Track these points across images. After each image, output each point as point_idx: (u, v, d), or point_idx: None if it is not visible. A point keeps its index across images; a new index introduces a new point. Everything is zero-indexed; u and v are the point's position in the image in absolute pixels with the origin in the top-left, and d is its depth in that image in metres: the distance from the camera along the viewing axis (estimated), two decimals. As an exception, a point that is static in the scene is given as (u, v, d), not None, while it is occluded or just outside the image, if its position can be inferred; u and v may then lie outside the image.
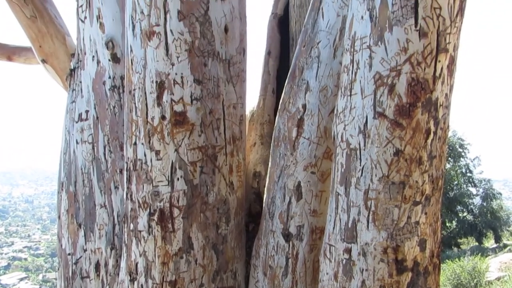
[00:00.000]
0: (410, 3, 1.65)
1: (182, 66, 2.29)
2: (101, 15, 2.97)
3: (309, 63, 2.22)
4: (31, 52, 4.29)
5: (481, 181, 19.86)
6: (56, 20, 3.68)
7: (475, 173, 19.75)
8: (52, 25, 3.66)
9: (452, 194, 18.33)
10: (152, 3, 2.28)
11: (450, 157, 18.39)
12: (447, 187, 17.88)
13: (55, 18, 3.66)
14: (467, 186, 19.48)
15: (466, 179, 19.21)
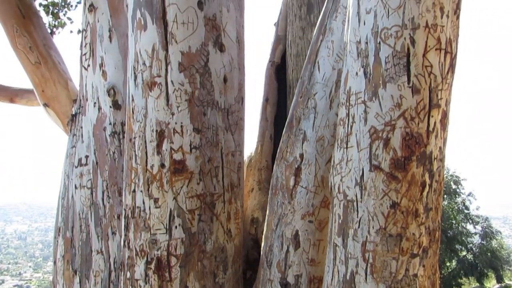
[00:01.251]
0: (402, 61, 1.72)
1: (182, 115, 2.34)
2: (104, 63, 3.06)
3: (306, 114, 2.28)
4: (33, 94, 4.37)
5: (479, 218, 19.73)
6: (60, 66, 3.78)
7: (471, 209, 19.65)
8: (55, 71, 3.75)
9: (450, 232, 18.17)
10: (154, 55, 2.36)
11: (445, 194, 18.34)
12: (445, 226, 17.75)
13: (58, 64, 3.76)
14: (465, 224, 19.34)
15: (463, 216, 19.09)
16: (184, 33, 2.35)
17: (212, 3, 2.43)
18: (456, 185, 19.18)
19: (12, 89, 5.29)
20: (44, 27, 3.79)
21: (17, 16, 3.63)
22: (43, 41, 3.71)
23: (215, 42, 2.43)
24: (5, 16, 3.65)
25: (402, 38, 1.70)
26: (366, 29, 1.77)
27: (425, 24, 1.69)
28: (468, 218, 19.18)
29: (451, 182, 19.01)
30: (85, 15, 3.24)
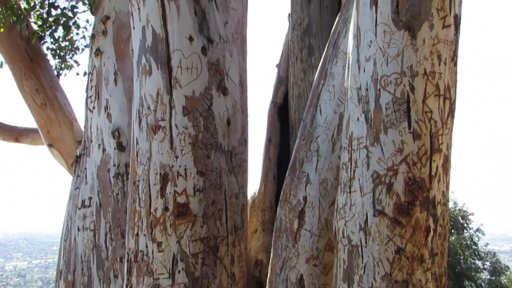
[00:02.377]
0: (402, 107, 1.75)
1: (186, 158, 2.36)
2: (109, 106, 3.12)
3: (309, 157, 2.30)
4: (37, 133, 4.43)
5: (487, 254, 19.37)
6: (65, 107, 3.85)
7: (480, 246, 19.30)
8: (61, 112, 3.82)
9: (459, 268, 17.77)
10: (159, 99, 2.41)
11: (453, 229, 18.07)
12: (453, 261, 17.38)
13: (64, 106, 3.84)
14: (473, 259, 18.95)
15: (471, 251, 18.74)
16: (188, 78, 2.40)
17: (215, 48, 2.50)
18: (464, 219, 18.93)
19: (17, 129, 5.37)
20: (51, 69, 3.89)
21: (25, 59, 3.73)
22: (50, 83, 3.80)
23: (219, 86, 2.48)
24: (14, 60, 3.75)
25: (402, 85, 1.74)
26: (366, 76, 1.81)
27: (423, 71, 1.73)
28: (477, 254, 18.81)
29: (458, 216, 18.77)
30: (91, 59, 3.33)
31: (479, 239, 19.01)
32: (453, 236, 17.97)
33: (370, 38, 1.80)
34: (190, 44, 2.43)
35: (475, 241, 18.86)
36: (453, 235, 18.00)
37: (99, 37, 3.27)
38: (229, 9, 2.60)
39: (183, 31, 2.43)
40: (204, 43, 2.46)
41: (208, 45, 2.47)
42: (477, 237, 19.14)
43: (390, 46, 1.75)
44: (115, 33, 3.23)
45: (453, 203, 18.61)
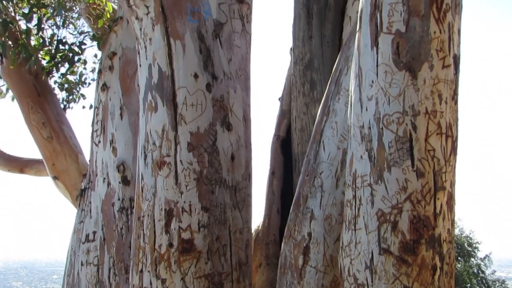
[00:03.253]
0: (405, 146, 1.77)
1: (191, 194, 2.38)
2: (114, 140, 3.16)
3: (313, 192, 2.31)
4: (42, 165, 4.45)
5: (495, 281, 19.00)
6: (71, 140, 3.90)
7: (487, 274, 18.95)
8: (66, 145, 3.86)
9: (466, 296, 17.41)
10: (164, 135, 2.44)
11: (459, 257, 17.79)
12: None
13: (70, 138, 3.88)
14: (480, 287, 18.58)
15: (479, 280, 18.40)
16: (193, 114, 2.44)
17: (220, 85, 2.55)
18: (470, 247, 18.66)
19: (22, 160, 5.41)
20: (58, 103, 3.96)
21: (33, 94, 3.80)
22: (56, 116, 3.85)
23: (223, 122, 2.52)
24: (22, 94, 3.82)
25: (404, 124, 1.77)
26: (368, 115, 1.84)
27: (425, 110, 1.76)
28: (484, 282, 18.46)
29: (465, 244, 18.52)
30: (97, 93, 3.39)
31: (487, 267, 18.69)
32: (459, 263, 17.68)
33: (371, 78, 1.84)
34: (195, 81, 2.48)
35: (482, 269, 18.54)
36: (459, 263, 17.71)
37: (105, 72, 3.34)
38: (233, 46, 2.67)
39: (188, 68, 2.48)
40: (209, 80, 2.51)
41: (212, 82, 2.52)
42: (485, 265, 18.83)
43: (392, 86, 1.78)
44: (122, 68, 3.30)
45: (458, 230, 18.41)
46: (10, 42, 3.44)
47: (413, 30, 1.78)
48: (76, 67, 3.69)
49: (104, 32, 3.64)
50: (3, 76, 3.90)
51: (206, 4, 2.63)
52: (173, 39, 2.53)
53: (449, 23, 1.81)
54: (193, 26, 2.55)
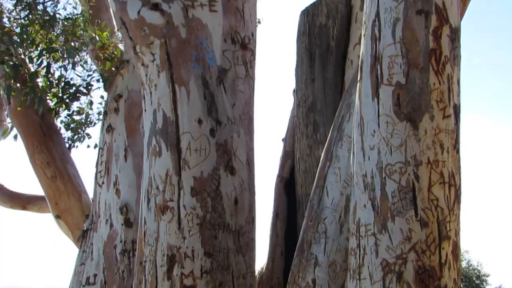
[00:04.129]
0: (408, 196, 1.78)
1: (194, 239, 2.37)
2: (118, 182, 3.18)
3: (317, 238, 2.30)
4: (44, 201, 4.45)
5: (506, 318, 18.43)
6: (74, 179, 3.91)
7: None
8: (70, 184, 3.88)
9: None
10: (167, 180, 2.46)
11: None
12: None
13: (73, 178, 3.90)
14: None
15: (488, 314, 17.87)
16: (197, 159, 2.47)
17: (223, 129, 2.58)
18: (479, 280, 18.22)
19: (25, 196, 5.41)
20: (63, 142, 4.00)
21: (38, 134, 3.84)
22: (61, 156, 3.89)
23: (226, 166, 2.54)
24: (27, 134, 3.87)
25: (407, 174, 1.78)
26: (371, 164, 1.86)
27: (427, 160, 1.78)
28: (495, 317, 17.91)
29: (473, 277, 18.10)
30: (103, 135, 3.43)
31: (496, 304, 18.18)
32: (467, 299, 17.22)
33: (373, 128, 1.86)
34: (199, 126, 2.52)
35: (493, 305, 18.03)
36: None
37: (111, 114, 3.40)
38: (236, 91, 2.72)
39: (192, 114, 2.53)
40: (213, 125, 2.54)
41: (216, 127, 2.55)
42: (495, 302, 18.31)
43: (393, 136, 1.81)
44: (127, 111, 3.35)
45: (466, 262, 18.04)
46: (19, 84, 3.52)
47: (413, 82, 1.81)
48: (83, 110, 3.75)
49: (110, 73, 3.73)
50: (10, 116, 3.96)
51: (210, 51, 2.70)
52: (178, 85, 2.58)
53: (448, 74, 1.85)
54: (197, 72, 2.61)
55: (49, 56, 3.54)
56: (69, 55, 3.49)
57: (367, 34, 1.98)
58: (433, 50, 1.83)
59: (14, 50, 3.49)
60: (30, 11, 3.60)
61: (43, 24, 3.66)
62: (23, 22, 3.70)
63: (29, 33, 3.60)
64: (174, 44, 2.66)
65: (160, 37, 2.67)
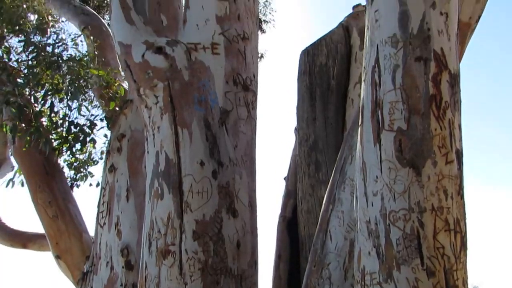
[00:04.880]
0: (413, 243, 1.75)
1: (195, 285, 2.32)
2: (120, 222, 3.15)
3: (321, 284, 2.25)
4: (45, 239, 4.40)
5: None
6: (76, 219, 3.88)
7: None
8: (71, 224, 3.84)
9: None
10: (169, 223, 2.43)
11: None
12: None
13: (75, 217, 3.87)
14: None
15: None
16: (199, 202, 2.45)
17: (225, 171, 2.57)
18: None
19: (26, 235, 5.35)
20: (65, 181, 3.99)
21: (41, 173, 3.84)
22: (63, 195, 3.87)
23: (228, 209, 2.52)
24: (30, 173, 3.87)
25: (411, 221, 1.76)
26: (374, 211, 1.84)
27: (431, 207, 1.76)
28: None
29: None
30: (105, 174, 3.43)
31: None
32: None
33: (375, 173, 1.85)
34: (201, 168, 2.51)
35: None
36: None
37: (113, 153, 3.41)
38: (238, 132, 2.73)
39: (194, 156, 2.53)
40: (215, 167, 2.54)
41: (218, 168, 2.55)
42: None
43: (396, 182, 1.80)
44: (130, 150, 3.36)
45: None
46: (24, 124, 3.55)
47: (414, 127, 1.82)
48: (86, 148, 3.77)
49: (114, 112, 3.76)
50: (14, 155, 3.97)
51: (213, 93, 2.73)
52: (180, 127, 2.60)
53: (449, 119, 1.85)
54: (200, 114, 2.64)
55: (54, 96, 3.59)
56: (74, 97, 3.54)
57: (367, 79, 2.00)
58: (433, 96, 1.84)
59: (19, 91, 3.55)
60: (38, 53, 3.67)
61: (50, 65, 3.73)
62: (30, 64, 3.77)
63: (35, 74, 3.66)
64: (177, 87, 2.70)
65: (163, 80, 2.71)
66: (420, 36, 1.89)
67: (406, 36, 1.91)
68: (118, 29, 3.04)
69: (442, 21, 1.92)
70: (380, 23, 2.00)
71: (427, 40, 1.89)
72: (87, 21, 5.07)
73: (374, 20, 2.03)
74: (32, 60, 3.77)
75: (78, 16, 5.18)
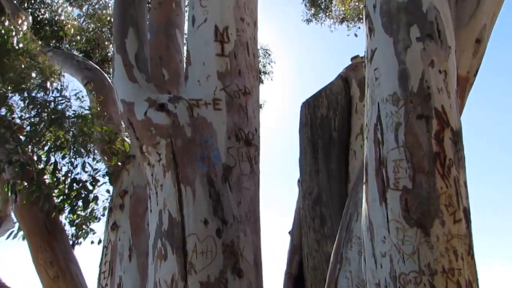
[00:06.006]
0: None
1: None
2: (122, 283, 3.07)
3: None
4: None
5: None
6: (77, 279, 3.79)
7: None
8: (72, 284, 3.75)
9: None
10: (173, 285, 2.37)
11: None
12: None
13: (76, 277, 3.78)
14: None
15: None
16: (203, 262, 2.39)
17: (230, 229, 2.53)
18: None
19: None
20: (67, 240, 3.93)
21: (42, 232, 3.79)
22: (64, 254, 3.80)
23: (233, 268, 2.46)
24: (32, 232, 3.82)
25: (422, 284, 1.70)
26: (383, 272, 1.79)
27: (442, 269, 1.71)
28: None
29: None
30: (107, 233, 3.38)
31: None
32: None
33: (383, 233, 1.82)
34: (205, 227, 2.47)
35: None
36: None
37: (116, 211, 3.37)
38: (242, 189, 2.71)
39: (198, 214, 2.50)
40: (219, 225, 2.50)
41: (222, 226, 2.51)
42: None
43: (405, 243, 1.76)
44: (132, 207, 3.33)
45: None
46: (26, 182, 3.54)
47: (420, 186, 1.80)
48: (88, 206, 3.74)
49: (116, 167, 3.76)
50: (15, 214, 3.94)
51: (215, 149, 2.74)
52: (183, 185, 2.58)
53: (455, 177, 1.84)
54: (202, 171, 2.63)
55: (57, 154, 3.61)
56: (78, 154, 3.55)
57: (369, 137, 2.00)
58: (437, 153, 1.84)
59: (22, 149, 3.56)
60: (41, 110, 3.73)
61: (53, 122, 3.77)
62: (33, 121, 3.81)
63: (38, 131, 3.69)
64: (179, 144, 2.71)
65: (166, 137, 2.73)
66: (420, 94, 1.91)
67: (407, 94, 1.93)
68: (121, 87, 3.09)
69: (441, 79, 1.94)
70: (380, 81, 2.03)
71: (427, 98, 1.91)
72: (90, 76, 5.19)
73: (374, 78, 2.06)
74: (35, 117, 3.82)
75: (81, 71, 5.31)
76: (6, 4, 5.60)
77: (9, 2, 5.66)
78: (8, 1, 5.65)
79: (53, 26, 7.86)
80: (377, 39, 2.09)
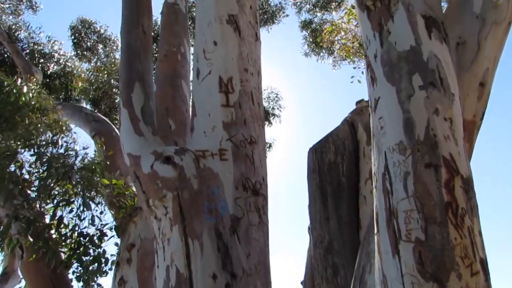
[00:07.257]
0: None
1: None
2: None
3: None
4: None
5: None
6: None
7: None
8: None
9: None
10: None
11: None
12: None
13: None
14: None
15: None
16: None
17: (239, 283, 2.46)
18: None
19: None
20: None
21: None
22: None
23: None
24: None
25: None
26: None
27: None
28: None
29: None
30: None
31: None
32: None
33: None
34: (214, 282, 2.40)
35: None
36: None
37: (123, 265, 3.31)
38: (251, 240, 2.65)
39: (206, 269, 2.43)
40: (228, 279, 2.43)
41: (232, 281, 2.44)
42: None
43: (422, 299, 1.68)
44: (140, 261, 3.27)
45: None
46: (32, 238, 3.51)
47: (433, 237, 1.75)
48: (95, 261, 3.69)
49: (124, 220, 3.73)
50: (21, 270, 3.88)
51: (223, 200, 2.70)
52: (191, 238, 2.54)
53: (469, 227, 1.78)
54: (210, 224, 2.58)
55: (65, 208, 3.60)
56: (86, 207, 3.54)
57: (378, 187, 1.97)
58: (449, 203, 1.79)
59: (29, 204, 3.56)
60: (49, 165, 3.75)
61: (61, 176, 3.78)
62: (41, 176, 3.83)
63: (46, 186, 3.70)
64: (186, 196, 2.68)
65: (172, 190, 2.71)
66: (427, 143, 1.89)
67: (413, 143, 1.91)
68: (127, 141, 3.11)
69: (447, 126, 1.93)
70: (385, 130, 2.02)
71: (434, 146, 1.88)
72: (98, 128, 5.27)
73: (379, 127, 2.05)
74: (44, 172, 3.84)
75: (89, 124, 5.40)
76: (18, 61, 5.79)
77: (20, 58, 5.85)
78: (19, 58, 5.85)
79: (62, 78, 8.10)
80: (379, 88, 2.10)
